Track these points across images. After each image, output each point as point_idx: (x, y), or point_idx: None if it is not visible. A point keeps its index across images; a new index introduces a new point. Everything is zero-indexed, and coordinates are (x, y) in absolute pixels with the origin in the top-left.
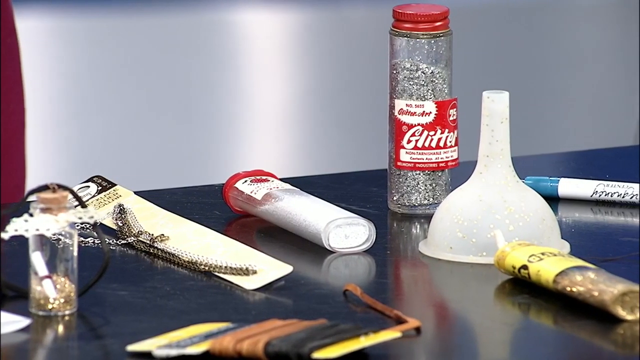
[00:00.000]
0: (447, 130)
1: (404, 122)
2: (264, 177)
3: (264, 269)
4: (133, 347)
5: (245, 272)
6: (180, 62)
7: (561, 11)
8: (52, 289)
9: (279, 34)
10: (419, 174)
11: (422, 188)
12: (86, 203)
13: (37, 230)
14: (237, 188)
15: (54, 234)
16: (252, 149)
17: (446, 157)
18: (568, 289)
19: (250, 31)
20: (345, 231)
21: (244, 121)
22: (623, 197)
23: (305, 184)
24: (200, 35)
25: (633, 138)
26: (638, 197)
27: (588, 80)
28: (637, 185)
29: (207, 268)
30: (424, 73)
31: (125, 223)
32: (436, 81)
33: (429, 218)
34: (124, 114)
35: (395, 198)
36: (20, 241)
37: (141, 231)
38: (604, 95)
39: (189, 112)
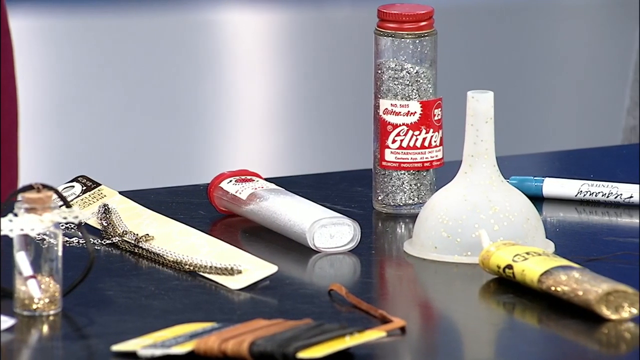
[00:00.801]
0: (431, 130)
1: (389, 122)
2: (248, 177)
3: (249, 268)
4: (118, 347)
5: (230, 272)
6: (165, 62)
7: (546, 11)
8: (36, 289)
9: (264, 34)
10: (404, 173)
11: (407, 188)
12: (71, 203)
13: (22, 230)
14: (222, 188)
15: (39, 234)
16: (237, 149)
17: (431, 157)
18: (553, 288)
19: (235, 31)
20: (330, 231)
21: (229, 121)
22: (607, 196)
23: (290, 184)
24: (185, 36)
25: (622, 137)
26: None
27: (572, 81)
28: (621, 185)
29: (192, 268)
30: (408, 73)
31: (110, 223)
32: (421, 81)
33: (414, 218)
34: (109, 114)
35: (380, 198)
36: (4, 241)
37: (126, 231)
38: (588, 95)
39: (174, 112)
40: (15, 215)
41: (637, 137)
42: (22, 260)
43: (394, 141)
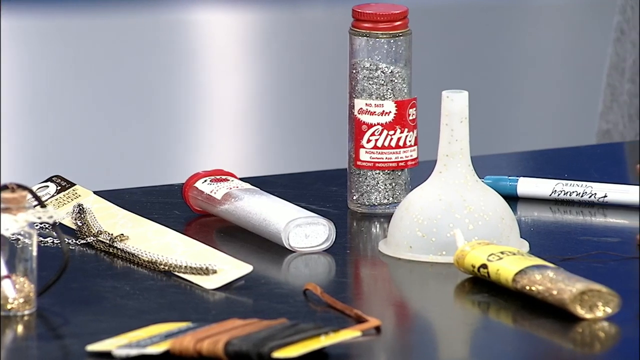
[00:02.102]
0: (406, 130)
1: (364, 122)
2: (223, 177)
3: (224, 268)
4: (93, 347)
5: (205, 271)
6: (140, 62)
7: (520, 11)
8: (11, 289)
9: (239, 34)
10: (379, 173)
11: (382, 187)
12: (45, 203)
13: None
14: (197, 188)
15: (13, 234)
16: (212, 149)
17: (406, 157)
18: (527, 287)
19: (210, 31)
20: (305, 230)
21: (204, 121)
22: (582, 196)
23: (265, 184)
24: (159, 36)
25: (596, 141)
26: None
27: (546, 80)
28: (595, 184)
29: (167, 268)
30: (383, 72)
31: (85, 223)
32: (396, 81)
33: (388, 217)
34: (83, 114)
35: (355, 197)
36: None
37: (100, 231)
38: (562, 95)
39: (149, 111)
40: None
41: (610, 140)
42: None
43: (368, 141)
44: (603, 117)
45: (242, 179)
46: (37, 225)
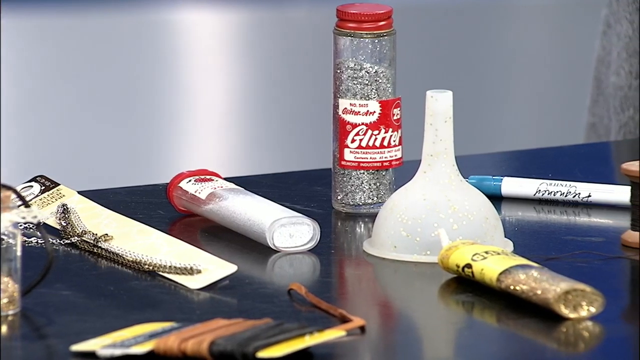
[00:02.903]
0: (391, 130)
1: (348, 122)
2: (208, 177)
3: (209, 268)
4: (77, 347)
5: (190, 271)
6: (123, 61)
7: (504, 10)
8: None
9: (223, 34)
10: (363, 173)
11: (366, 187)
12: (29, 203)
13: None
14: (181, 187)
15: None
16: (196, 149)
17: (390, 157)
18: (512, 287)
19: (193, 31)
20: (289, 230)
21: (188, 121)
22: (566, 196)
23: (250, 184)
24: (142, 35)
25: (583, 135)
26: None
27: (531, 80)
28: (580, 184)
29: (151, 268)
30: (367, 72)
31: (69, 223)
32: (380, 80)
33: (373, 217)
34: (67, 114)
35: (339, 197)
36: None
37: (85, 231)
38: (546, 94)
39: (133, 112)
40: None
41: (596, 134)
42: None
43: (353, 141)
44: (590, 110)
45: (226, 179)
46: (21, 225)
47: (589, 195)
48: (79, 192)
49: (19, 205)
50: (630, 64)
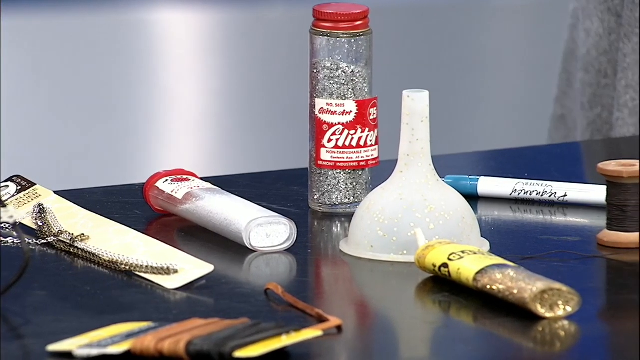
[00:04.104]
0: (367, 129)
1: (325, 121)
2: (184, 177)
3: (185, 268)
4: (54, 347)
5: (166, 271)
6: (99, 61)
7: (480, 11)
8: None
9: (198, 34)
10: (340, 172)
11: (343, 187)
12: (5, 202)
13: None
14: (158, 187)
15: None
16: (173, 148)
17: (367, 156)
18: (488, 287)
19: (169, 31)
20: (266, 230)
21: (165, 120)
22: (542, 195)
23: (226, 183)
24: (119, 35)
25: (549, 126)
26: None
27: (507, 80)
28: (555, 183)
29: (127, 267)
30: (344, 72)
31: (45, 222)
32: (356, 80)
33: (349, 217)
34: (43, 113)
35: (316, 197)
36: None
37: (61, 231)
38: (522, 94)
39: (109, 111)
40: None
41: (565, 126)
42: None
43: (329, 140)
44: (558, 101)
45: (203, 179)
46: None
47: (565, 195)
48: (55, 192)
49: None
50: (600, 63)
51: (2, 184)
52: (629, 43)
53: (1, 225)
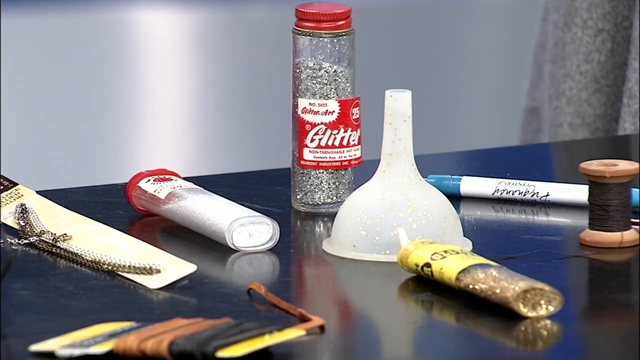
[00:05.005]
0: (350, 129)
1: (307, 121)
2: (167, 176)
3: (168, 268)
4: (36, 347)
5: (149, 271)
6: (80, 61)
7: (462, 11)
8: None
9: (181, 34)
10: (322, 172)
11: (326, 187)
12: None
13: None
14: (140, 187)
15: None
16: (155, 148)
17: (349, 156)
18: (471, 286)
19: (152, 31)
20: (249, 230)
21: (147, 120)
22: (524, 195)
23: (209, 183)
24: (100, 35)
25: (522, 118)
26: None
27: (489, 79)
28: (538, 183)
29: (110, 267)
30: (327, 72)
31: (28, 222)
32: (339, 80)
33: (332, 216)
34: (25, 114)
35: (298, 197)
36: None
37: (44, 231)
38: (505, 94)
39: (91, 111)
40: None
41: (536, 119)
42: None
43: (312, 140)
44: (530, 94)
45: (185, 179)
46: None
47: (547, 195)
48: (37, 192)
49: None
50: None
51: None
52: (568, 32)
53: None
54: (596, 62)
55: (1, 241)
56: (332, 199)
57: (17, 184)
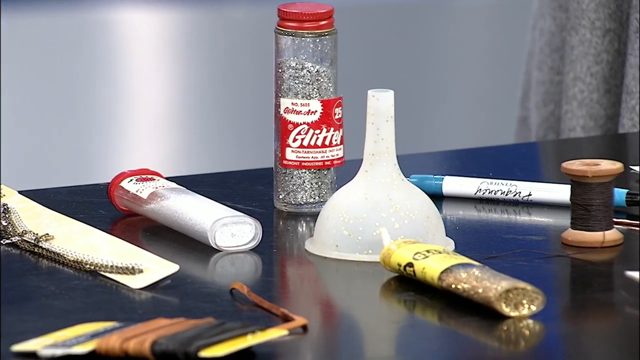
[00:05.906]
0: (332, 129)
1: (290, 121)
2: (149, 176)
3: (150, 268)
4: (18, 347)
5: (132, 271)
6: (62, 60)
7: (444, 10)
8: None
9: (162, 33)
10: (305, 172)
11: (308, 186)
12: None
13: None
14: (123, 187)
15: None
16: (137, 148)
17: (332, 156)
18: (453, 286)
19: (133, 30)
20: (231, 230)
21: (129, 120)
22: (506, 195)
23: (191, 183)
24: (82, 35)
25: (515, 128)
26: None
27: (472, 79)
28: (520, 183)
29: (92, 267)
30: (309, 72)
31: (10, 222)
32: (321, 80)
33: (315, 216)
34: (6, 113)
35: (281, 196)
36: None
37: (26, 230)
38: (487, 93)
39: (73, 111)
40: None
41: (527, 128)
42: None
43: (294, 140)
44: (522, 104)
45: (168, 179)
46: None
47: (530, 194)
48: (19, 192)
49: None
50: (552, 60)
51: None
52: (575, 35)
53: None
54: (605, 63)
55: None
56: (314, 198)
57: None
